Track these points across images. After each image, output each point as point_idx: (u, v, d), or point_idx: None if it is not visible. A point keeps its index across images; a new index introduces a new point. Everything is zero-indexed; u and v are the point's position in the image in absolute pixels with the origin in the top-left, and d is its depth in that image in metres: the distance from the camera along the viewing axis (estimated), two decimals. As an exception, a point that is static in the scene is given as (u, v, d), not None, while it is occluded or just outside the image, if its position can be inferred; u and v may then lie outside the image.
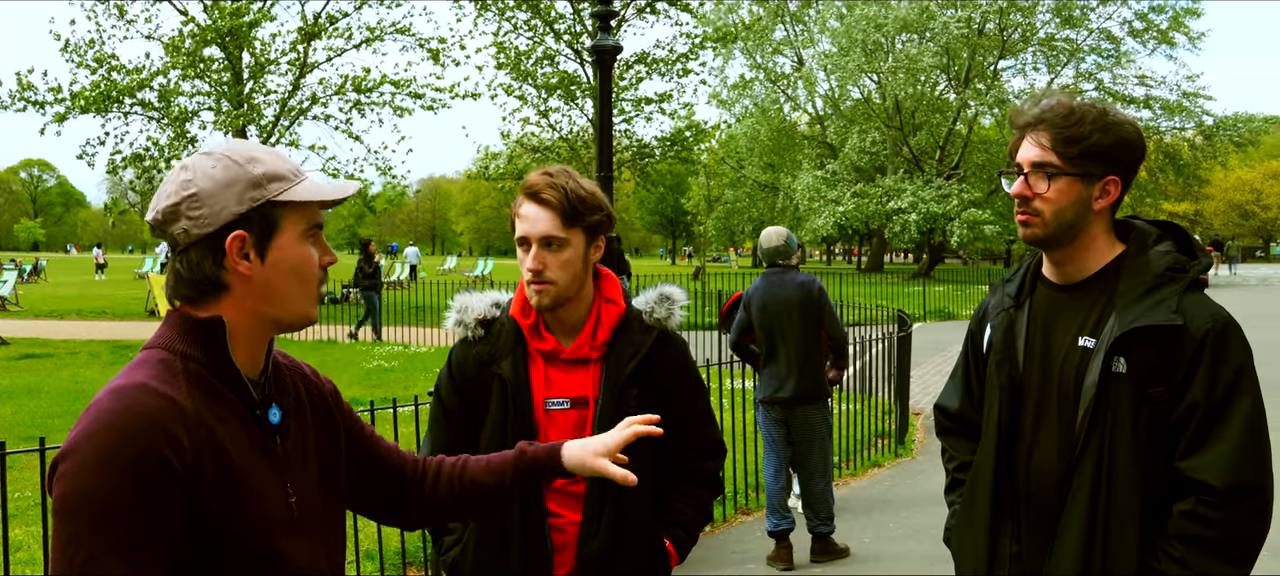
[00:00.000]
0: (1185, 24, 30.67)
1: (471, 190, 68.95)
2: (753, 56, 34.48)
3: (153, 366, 1.16)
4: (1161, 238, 1.73)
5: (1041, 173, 1.67)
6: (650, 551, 1.97)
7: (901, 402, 7.43)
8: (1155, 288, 1.64)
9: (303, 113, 20.08)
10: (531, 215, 1.87)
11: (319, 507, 1.29)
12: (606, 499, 1.90)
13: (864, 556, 4.94)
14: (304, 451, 1.29)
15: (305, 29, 19.56)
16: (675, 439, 1.98)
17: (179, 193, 1.19)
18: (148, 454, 1.08)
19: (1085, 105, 1.69)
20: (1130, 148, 1.68)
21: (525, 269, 1.88)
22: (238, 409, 1.20)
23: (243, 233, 1.19)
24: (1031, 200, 1.69)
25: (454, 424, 2.02)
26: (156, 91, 18.82)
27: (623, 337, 1.96)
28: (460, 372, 2.01)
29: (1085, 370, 1.66)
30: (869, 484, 6.33)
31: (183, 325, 1.20)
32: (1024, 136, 1.71)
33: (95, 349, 12.94)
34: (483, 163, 21.58)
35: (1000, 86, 32.12)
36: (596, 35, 6.74)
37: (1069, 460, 1.67)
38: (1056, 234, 1.69)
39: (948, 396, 2.03)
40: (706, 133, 21.56)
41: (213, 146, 1.24)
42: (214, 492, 1.13)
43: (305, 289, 1.25)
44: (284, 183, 1.22)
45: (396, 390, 8.87)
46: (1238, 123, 32.07)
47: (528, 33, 19.35)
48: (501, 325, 1.98)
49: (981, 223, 28.38)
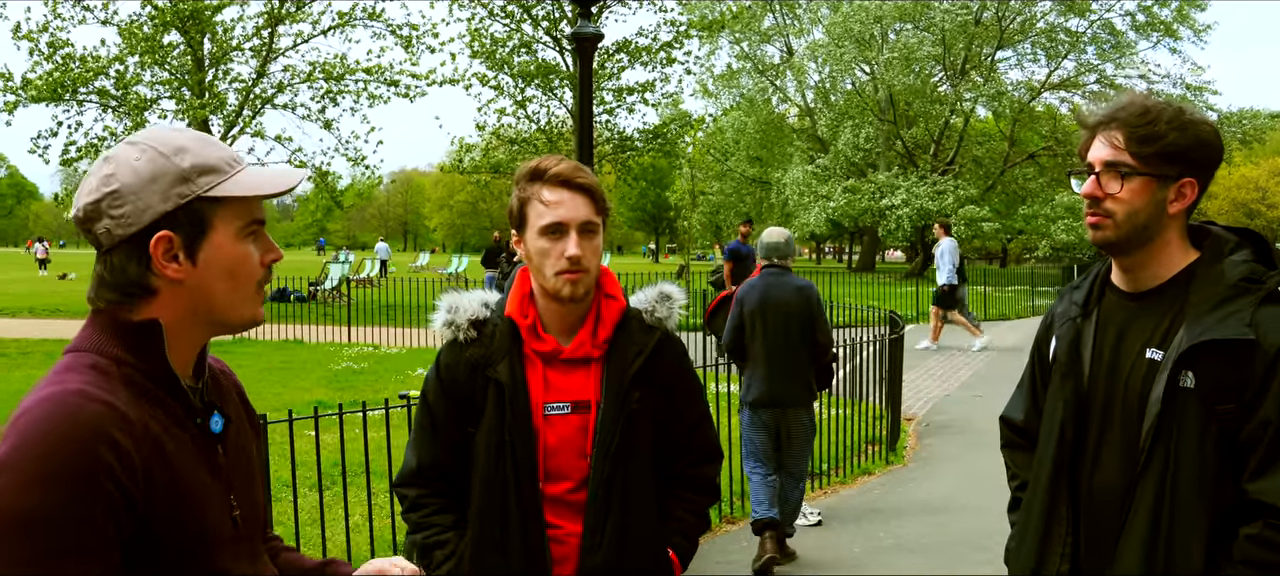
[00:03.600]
0: (1190, 16, 29.80)
1: (446, 184, 68.25)
2: (740, 45, 33.81)
3: (85, 371, 1.08)
4: (1239, 246, 1.65)
5: (1114, 172, 1.62)
6: (654, 561, 1.92)
7: (893, 408, 7.34)
8: (1228, 299, 1.57)
9: (268, 101, 19.56)
10: (568, 201, 1.81)
11: (255, 525, 1.23)
12: (610, 508, 1.84)
13: (853, 568, 4.83)
14: (244, 461, 1.24)
15: (270, 13, 19.03)
16: (675, 444, 1.97)
17: (100, 188, 1.10)
18: (92, 465, 1.00)
19: (1161, 104, 1.64)
20: (1208, 148, 1.63)
21: (560, 258, 1.80)
22: (180, 417, 1.13)
23: (169, 233, 1.10)
24: (1103, 201, 1.63)
25: (443, 433, 1.93)
26: (113, 79, 18.21)
27: (624, 336, 1.90)
28: (450, 376, 1.92)
29: (1151, 384, 1.60)
30: (859, 492, 6.22)
31: (113, 328, 1.12)
32: (1095, 135, 1.66)
33: (51, 349, 12.44)
34: (457, 155, 21.17)
35: (997, 78, 31.42)
36: (576, 21, 6.43)
37: (1131, 477, 1.62)
38: (1129, 236, 1.63)
39: (1013, 408, 1.97)
40: (691, 125, 21.33)
41: (139, 135, 1.14)
42: (162, 506, 1.07)
43: (243, 291, 1.16)
44: (216, 176, 1.12)
45: (366, 393, 8.54)
46: (1243, 118, 31.54)
47: (504, 19, 18.94)
48: (495, 326, 1.90)
49: (979, 220, 27.90)
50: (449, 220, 73.99)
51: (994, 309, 19.76)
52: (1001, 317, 19.03)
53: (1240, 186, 47.00)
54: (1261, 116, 32.81)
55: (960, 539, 5.12)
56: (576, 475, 1.87)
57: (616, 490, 1.85)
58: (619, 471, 1.85)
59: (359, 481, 4.92)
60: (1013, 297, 21.71)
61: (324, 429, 4.68)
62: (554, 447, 1.85)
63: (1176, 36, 30.20)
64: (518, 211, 1.86)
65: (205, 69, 19.04)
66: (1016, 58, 33.02)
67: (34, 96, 17.65)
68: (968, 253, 47.91)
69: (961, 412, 8.73)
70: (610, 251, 62.74)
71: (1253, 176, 46.82)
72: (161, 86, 18.99)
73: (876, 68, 31.27)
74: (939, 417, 8.57)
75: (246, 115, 19.40)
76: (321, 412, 3.99)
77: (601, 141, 19.47)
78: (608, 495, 1.84)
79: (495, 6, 18.83)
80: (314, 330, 14.31)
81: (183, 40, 18.81)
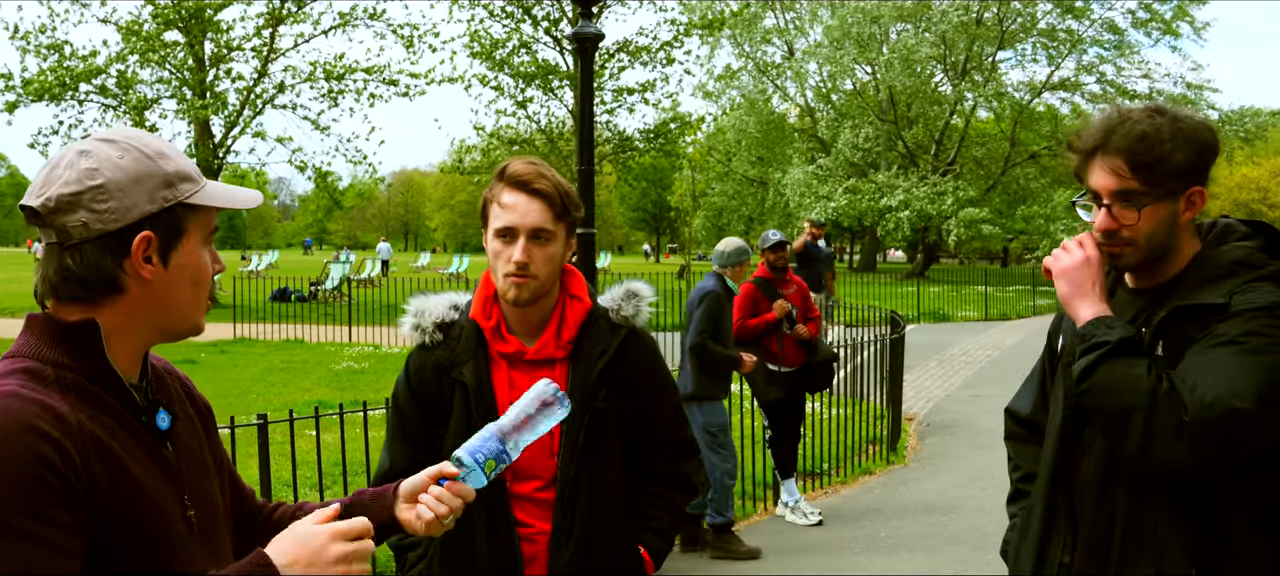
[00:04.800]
0: (1189, 13, 29.67)
1: (446, 184, 68.25)
2: (740, 45, 33.65)
3: (18, 376, 1.08)
4: (1249, 236, 1.63)
5: (1128, 204, 1.58)
6: (624, 559, 1.91)
7: (894, 408, 7.32)
8: (1216, 278, 1.56)
9: (269, 102, 19.55)
10: (520, 206, 1.80)
11: (213, 519, 1.23)
12: (577, 506, 1.84)
13: (853, 568, 4.80)
14: (196, 459, 1.23)
15: (272, 13, 19.01)
16: (646, 441, 1.95)
17: (82, 181, 1.10)
18: (28, 456, 1.00)
19: (1154, 121, 1.58)
20: (1211, 151, 1.60)
21: (509, 261, 1.81)
22: (123, 417, 1.13)
23: (150, 234, 1.12)
24: (1119, 232, 1.59)
25: (413, 435, 1.94)
26: (114, 78, 18.21)
27: (589, 336, 1.90)
28: (418, 380, 1.94)
29: None
30: (860, 492, 6.21)
31: (49, 331, 1.12)
32: (1093, 161, 1.61)
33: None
34: (457, 155, 21.16)
35: (998, 78, 31.43)
36: (577, 21, 6.40)
37: (1116, 462, 1.59)
38: (1148, 256, 1.61)
39: (1020, 400, 1.96)
40: (691, 125, 21.29)
41: (113, 133, 1.16)
42: (110, 508, 1.06)
43: (199, 297, 1.20)
44: (192, 184, 1.16)
45: (367, 393, 8.52)
46: (1244, 117, 31.49)
47: (504, 19, 18.92)
48: (461, 328, 1.91)
49: (979, 222, 27.85)
50: (450, 220, 73.92)
51: (995, 309, 19.75)
52: (1003, 318, 19.03)
53: (1242, 186, 46.63)
54: (1263, 115, 32.72)
55: (961, 538, 5.12)
56: (546, 474, 1.86)
57: (583, 489, 1.84)
58: (586, 470, 1.85)
59: (359, 481, 4.91)
60: (1014, 297, 21.71)
61: (325, 428, 4.69)
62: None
63: (1176, 33, 30.06)
64: (482, 209, 1.87)
65: (206, 68, 19.03)
66: (1017, 58, 32.93)
67: (34, 95, 17.66)
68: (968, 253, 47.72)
69: (962, 412, 8.73)
70: (611, 251, 62.43)
71: (1254, 176, 46.49)
72: (162, 85, 19.01)
73: (877, 68, 31.20)
74: (940, 417, 8.57)
75: (247, 115, 19.41)
76: (322, 412, 4.00)
77: (602, 141, 19.46)
78: (574, 494, 1.84)
79: (495, 7, 18.82)
80: (315, 330, 14.30)
81: (184, 39, 18.80)
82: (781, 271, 5.63)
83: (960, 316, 19.02)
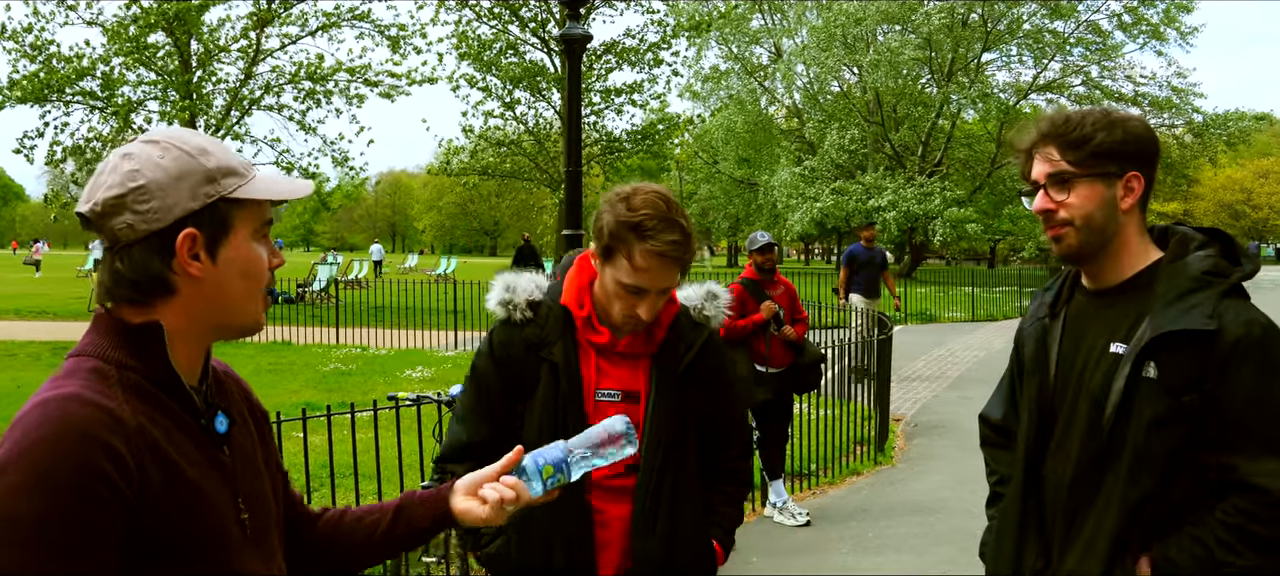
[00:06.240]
0: (1177, 19, 29.81)
1: (434, 186, 67.92)
2: (728, 46, 33.75)
3: (83, 376, 1.08)
4: (1205, 243, 1.69)
5: (1059, 182, 1.66)
6: (701, 552, 1.98)
7: (881, 408, 7.34)
8: (1191, 292, 1.61)
9: (255, 103, 19.44)
10: (654, 272, 1.82)
11: (266, 523, 1.23)
12: (661, 497, 1.89)
13: (841, 568, 4.80)
14: (251, 463, 1.24)
15: (257, 14, 18.90)
16: (719, 438, 2.02)
17: (124, 183, 1.11)
18: (85, 470, 1.01)
19: (1085, 110, 1.72)
20: (1141, 140, 1.67)
21: (631, 308, 1.85)
22: (182, 419, 1.13)
23: (194, 231, 1.12)
24: (1056, 212, 1.67)
25: (494, 408, 1.96)
26: (99, 80, 18.06)
27: (675, 332, 1.96)
28: (505, 353, 1.96)
29: (1114, 376, 1.64)
30: (847, 492, 6.22)
31: (115, 331, 1.13)
32: (1033, 157, 1.71)
33: (35, 350, 12.35)
34: (444, 157, 21.10)
35: (984, 80, 31.45)
36: (565, 23, 6.42)
37: (1094, 468, 1.66)
38: (1090, 241, 1.67)
39: (991, 406, 2.03)
40: (679, 126, 21.31)
41: (156, 133, 1.16)
42: (165, 510, 1.07)
43: (254, 292, 1.19)
44: (238, 178, 1.16)
45: (355, 394, 8.50)
46: (1228, 120, 31.57)
47: (492, 21, 18.89)
48: (549, 309, 1.95)
49: (964, 222, 27.93)
50: (437, 221, 73.66)
51: (981, 310, 19.85)
52: (990, 318, 19.12)
53: (1226, 188, 46.91)
54: (1247, 118, 32.89)
55: (948, 539, 5.14)
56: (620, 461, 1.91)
57: (668, 481, 1.91)
58: (671, 463, 1.91)
59: (347, 483, 4.90)
60: (1000, 298, 21.82)
61: (312, 431, 4.66)
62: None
63: (1163, 38, 30.28)
64: (605, 242, 1.85)
65: (192, 70, 18.90)
66: (1003, 59, 33.08)
67: (19, 97, 17.49)
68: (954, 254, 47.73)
69: (949, 413, 8.76)
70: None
71: (1238, 178, 46.78)
72: (148, 87, 18.86)
73: (862, 70, 31.31)
74: (927, 418, 8.60)
75: (233, 116, 19.28)
76: (310, 414, 3.97)
77: (590, 143, 19.46)
78: (660, 486, 1.90)
79: (483, 8, 18.79)
80: (302, 331, 14.23)
81: (169, 41, 18.67)
82: (769, 273, 5.65)
83: (947, 317, 19.09)
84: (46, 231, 76.00)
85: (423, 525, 1.38)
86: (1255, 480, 1.56)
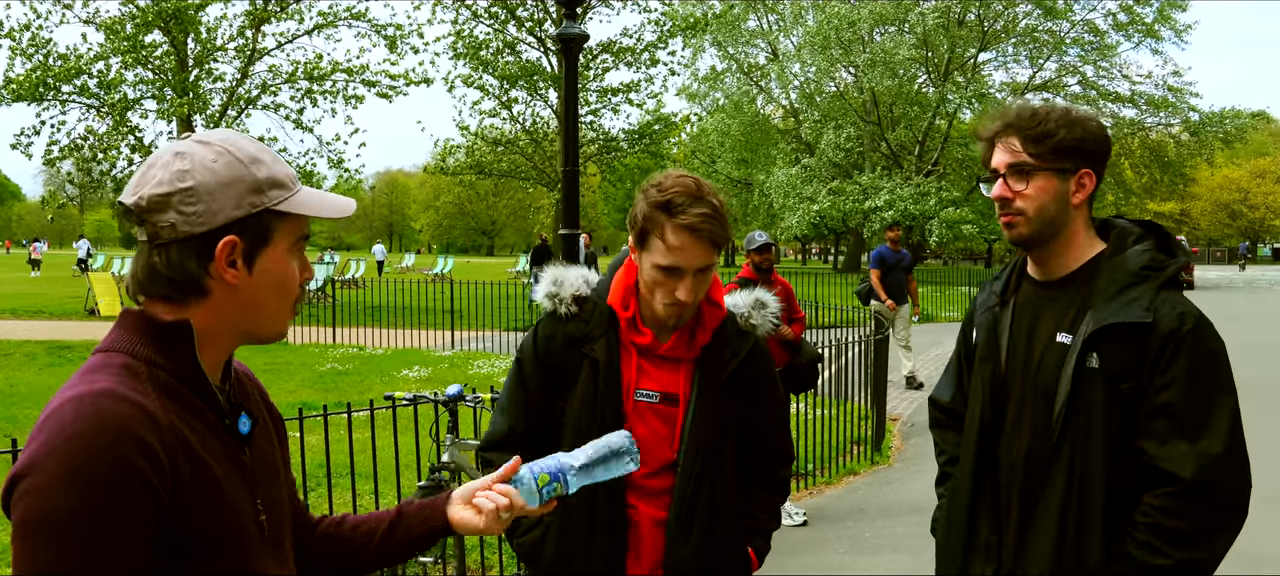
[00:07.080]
0: (1171, 17, 29.89)
1: (431, 186, 67.94)
2: (724, 47, 33.78)
3: (115, 371, 1.08)
4: (1142, 237, 1.78)
5: (1019, 173, 1.74)
6: (736, 558, 1.99)
7: (878, 408, 7.34)
8: (1130, 285, 1.70)
9: (252, 102, 19.41)
10: (688, 249, 1.82)
11: (281, 525, 1.24)
12: (699, 500, 1.90)
13: (838, 568, 4.79)
14: (270, 465, 1.25)
15: (254, 13, 18.88)
16: (758, 444, 2.03)
17: (174, 182, 1.11)
18: (119, 466, 1.01)
19: (1049, 106, 1.79)
20: (1097, 140, 1.75)
21: (670, 293, 1.85)
22: (208, 419, 1.14)
23: (236, 238, 1.13)
24: (1012, 201, 1.75)
25: (532, 401, 1.98)
26: (96, 78, 18.03)
27: (720, 338, 1.96)
28: (547, 347, 1.97)
29: (1062, 365, 1.72)
30: (844, 492, 6.23)
31: (145, 328, 1.13)
32: (995, 145, 1.79)
33: (31, 349, 12.30)
34: (441, 156, 21.08)
35: (981, 79, 31.61)
36: (561, 22, 6.41)
37: (1045, 453, 1.75)
38: (1040, 231, 1.75)
39: (941, 390, 2.11)
40: (675, 126, 21.33)
41: (210, 135, 1.16)
42: (192, 507, 1.08)
43: (284, 304, 1.20)
44: (284, 191, 1.17)
45: (351, 394, 8.51)
46: (1224, 118, 31.56)
47: (489, 20, 18.89)
48: (594, 306, 1.96)
49: (960, 222, 28.00)
50: (435, 221, 73.65)
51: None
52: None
53: (1223, 187, 46.84)
54: (1243, 115, 32.81)
55: (944, 537, 5.15)
56: (655, 462, 1.91)
57: (706, 487, 1.91)
58: (710, 469, 1.92)
59: (344, 483, 4.89)
60: (997, 298, 21.82)
61: (309, 430, 4.66)
62: (639, 432, 1.88)
63: (1158, 37, 30.34)
64: (639, 229, 1.88)
65: (188, 69, 18.87)
66: (1000, 59, 33.15)
67: (16, 95, 17.46)
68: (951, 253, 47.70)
69: (946, 412, 8.76)
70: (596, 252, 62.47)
71: (1235, 177, 46.73)
72: (145, 86, 18.82)
73: (858, 71, 31.33)
74: (924, 417, 8.61)
75: (230, 116, 19.24)
76: (306, 414, 3.97)
77: (586, 142, 19.48)
78: (697, 492, 1.90)
79: (480, 8, 18.79)
80: (299, 331, 14.21)
81: (165, 40, 18.64)
82: (766, 272, 5.66)
83: (944, 317, 19.14)
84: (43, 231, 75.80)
85: (419, 533, 1.38)
86: (1167, 465, 1.64)
